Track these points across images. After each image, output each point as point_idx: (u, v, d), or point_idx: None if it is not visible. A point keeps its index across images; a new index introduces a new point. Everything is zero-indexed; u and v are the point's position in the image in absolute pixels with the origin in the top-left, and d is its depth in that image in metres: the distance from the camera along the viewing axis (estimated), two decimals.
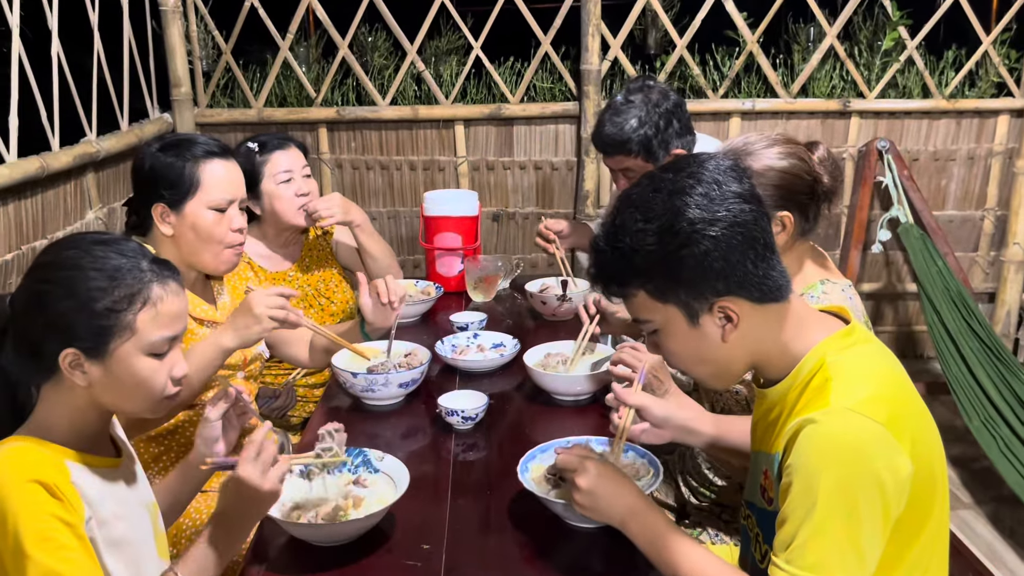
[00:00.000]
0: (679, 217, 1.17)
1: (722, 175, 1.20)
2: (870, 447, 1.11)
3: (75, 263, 1.22)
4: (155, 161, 1.85)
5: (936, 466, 1.22)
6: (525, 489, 1.46)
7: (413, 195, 3.67)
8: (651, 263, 1.19)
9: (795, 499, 1.13)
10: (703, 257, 1.17)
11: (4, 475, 1.15)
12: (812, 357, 1.22)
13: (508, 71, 3.62)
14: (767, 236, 1.21)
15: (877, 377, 1.20)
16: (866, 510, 1.10)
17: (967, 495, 3.02)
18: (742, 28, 3.49)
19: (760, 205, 1.21)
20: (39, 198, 2.37)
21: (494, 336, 2.21)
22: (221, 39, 3.49)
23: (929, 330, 3.24)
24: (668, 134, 2.30)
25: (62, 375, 1.22)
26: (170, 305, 1.27)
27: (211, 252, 1.87)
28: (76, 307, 1.20)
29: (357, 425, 1.87)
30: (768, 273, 1.20)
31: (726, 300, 1.20)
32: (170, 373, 1.29)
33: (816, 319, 1.28)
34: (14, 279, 2.21)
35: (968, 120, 3.64)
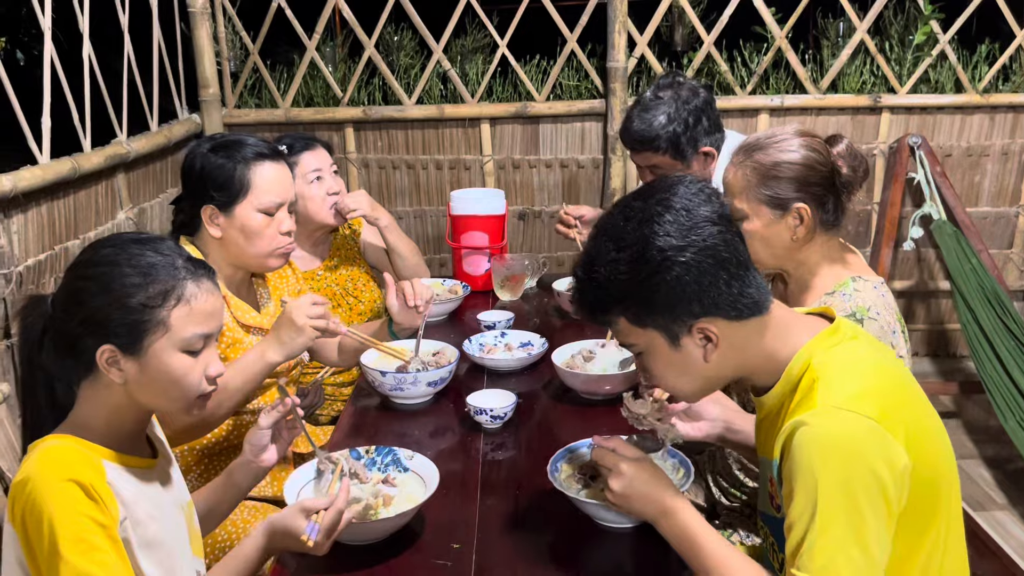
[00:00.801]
0: (649, 245, 1.19)
1: (691, 199, 1.22)
2: (863, 442, 1.12)
3: (111, 260, 1.24)
4: (205, 162, 1.85)
5: (940, 459, 1.22)
6: (555, 488, 1.46)
7: (439, 194, 3.67)
8: (626, 291, 1.22)
9: (797, 504, 1.13)
10: (676, 283, 1.19)
11: (42, 474, 1.16)
12: (798, 360, 1.24)
13: (534, 69, 3.61)
14: (739, 255, 1.23)
15: (863, 372, 1.21)
16: (868, 506, 1.11)
17: (1002, 496, 2.97)
18: (770, 24, 3.46)
19: (730, 225, 1.24)
20: (71, 199, 2.39)
21: (521, 335, 2.21)
22: (248, 40, 3.51)
23: (963, 329, 3.19)
24: (697, 131, 2.28)
25: (100, 373, 1.24)
26: (204, 303, 1.28)
27: (259, 253, 1.87)
28: (111, 303, 1.22)
29: (386, 424, 1.88)
30: (743, 291, 1.22)
31: (704, 321, 1.22)
32: (205, 371, 1.30)
33: (799, 322, 1.29)
34: (48, 278, 2.24)
35: (1002, 115, 3.58)
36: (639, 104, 2.34)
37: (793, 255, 1.70)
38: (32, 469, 1.17)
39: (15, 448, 1.83)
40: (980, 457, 3.23)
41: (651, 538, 1.33)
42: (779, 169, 1.63)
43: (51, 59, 2.32)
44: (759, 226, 1.66)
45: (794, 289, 1.77)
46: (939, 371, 3.85)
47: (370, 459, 1.55)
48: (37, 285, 2.18)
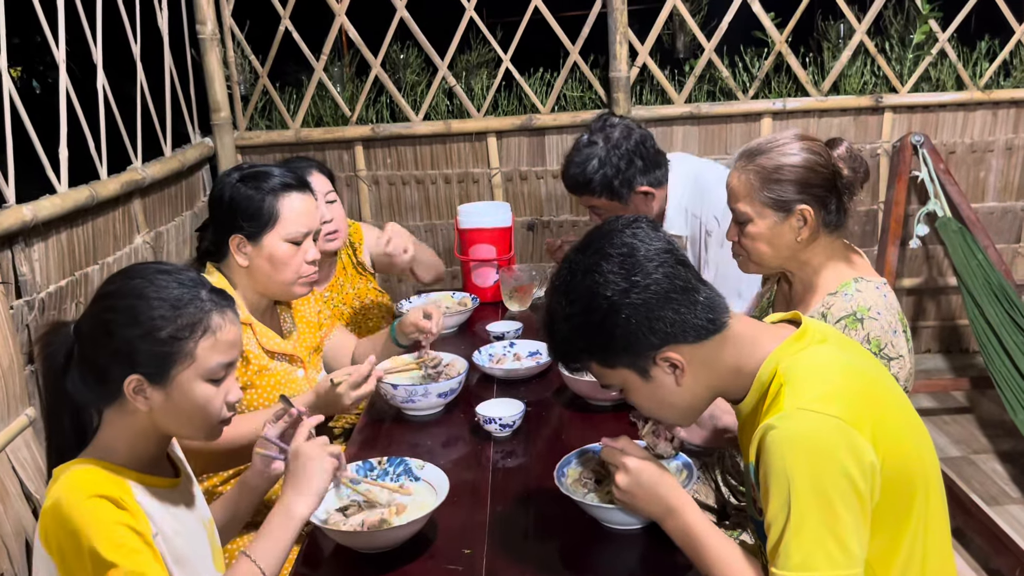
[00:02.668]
0: (595, 296, 1.26)
1: (627, 242, 1.28)
2: (828, 439, 1.16)
3: (139, 292, 1.28)
4: (235, 192, 1.89)
5: (912, 457, 1.25)
6: (563, 494, 1.50)
7: (448, 208, 3.73)
8: (587, 339, 1.29)
9: (773, 504, 1.17)
10: (627, 323, 1.25)
11: (70, 495, 1.20)
12: (767, 368, 1.28)
13: (538, 82, 3.67)
14: (685, 281, 1.28)
15: (829, 374, 1.24)
16: (839, 501, 1.14)
17: (1016, 490, 2.98)
18: (770, 28, 3.50)
19: (670, 255, 1.29)
20: (89, 225, 2.46)
21: (530, 344, 2.25)
22: (258, 63, 3.59)
23: (971, 324, 3.20)
24: (630, 173, 2.34)
25: (125, 400, 1.27)
26: (228, 333, 1.32)
27: (285, 283, 1.92)
28: (141, 335, 1.26)
29: (399, 435, 1.92)
30: (696, 314, 1.27)
31: (666, 351, 1.27)
32: (225, 398, 1.34)
33: (764, 332, 1.33)
34: (69, 304, 2.30)
35: (1005, 110, 3.59)
36: (574, 149, 2.41)
37: (797, 256, 1.73)
38: (60, 493, 1.21)
39: (42, 470, 1.89)
40: (994, 452, 3.23)
41: (658, 540, 1.37)
42: (781, 172, 1.66)
43: (66, 90, 2.40)
44: (763, 228, 1.69)
45: (799, 289, 1.80)
46: (952, 367, 3.85)
47: (383, 470, 1.59)
48: (59, 311, 2.25)
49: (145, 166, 2.85)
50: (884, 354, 1.62)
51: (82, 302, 2.37)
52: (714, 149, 3.65)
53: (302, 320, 2.13)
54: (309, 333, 2.12)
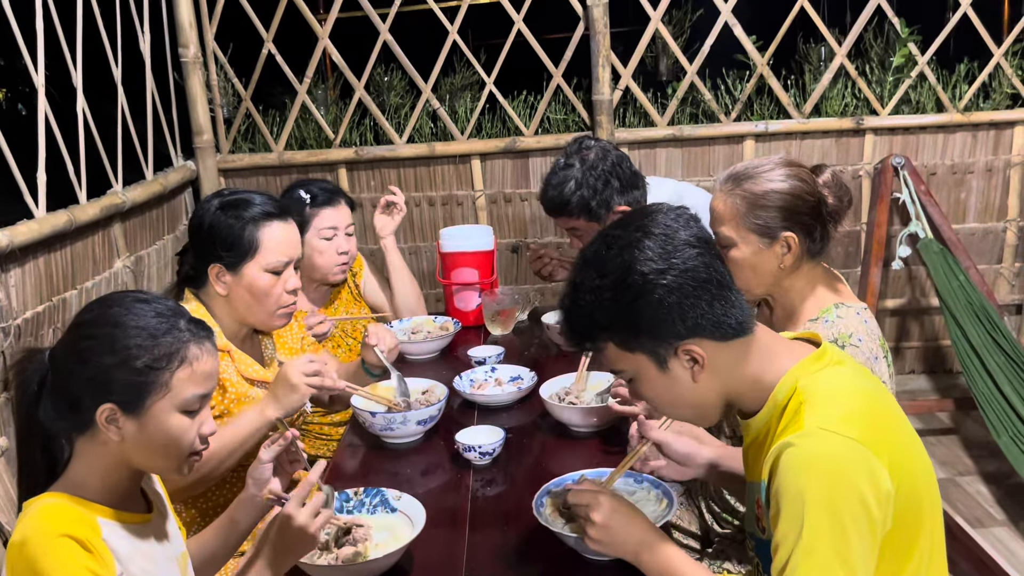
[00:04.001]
0: (630, 271, 1.23)
1: (670, 225, 1.25)
2: (848, 463, 1.14)
3: (117, 321, 1.26)
4: (215, 220, 1.85)
5: (922, 483, 1.24)
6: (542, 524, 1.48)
7: (433, 230, 3.72)
8: (611, 317, 1.25)
9: (783, 524, 1.15)
10: (658, 305, 1.22)
11: (37, 532, 1.18)
12: (785, 384, 1.26)
13: (522, 104, 3.68)
14: (721, 276, 1.25)
15: (849, 396, 1.23)
16: (852, 526, 1.12)
17: (1001, 512, 2.98)
18: (751, 51, 3.52)
19: (710, 247, 1.27)
20: (68, 250, 2.44)
21: (512, 369, 2.24)
22: (241, 86, 3.59)
23: (954, 345, 3.21)
24: (607, 193, 2.37)
25: (97, 430, 1.25)
26: (204, 364, 1.30)
27: (265, 313, 1.88)
28: (116, 363, 1.23)
29: (378, 463, 1.90)
30: (727, 311, 1.25)
31: (689, 343, 1.24)
32: (199, 430, 1.32)
33: (784, 347, 1.31)
34: (46, 330, 2.28)
35: (984, 132, 3.63)
36: (552, 171, 2.45)
37: (780, 282, 1.73)
38: (27, 530, 1.18)
39: (14, 501, 1.86)
40: (979, 473, 3.23)
41: (634, 570, 1.36)
42: (768, 198, 1.65)
43: (45, 114, 2.38)
44: (747, 254, 1.69)
45: (780, 315, 1.79)
46: (936, 388, 3.86)
47: (359, 501, 1.58)
48: (36, 337, 2.22)
49: (126, 190, 2.84)
50: None
51: (60, 327, 2.35)
52: (697, 171, 3.66)
53: (284, 346, 2.11)
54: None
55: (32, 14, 2.37)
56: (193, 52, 3.44)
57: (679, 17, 3.66)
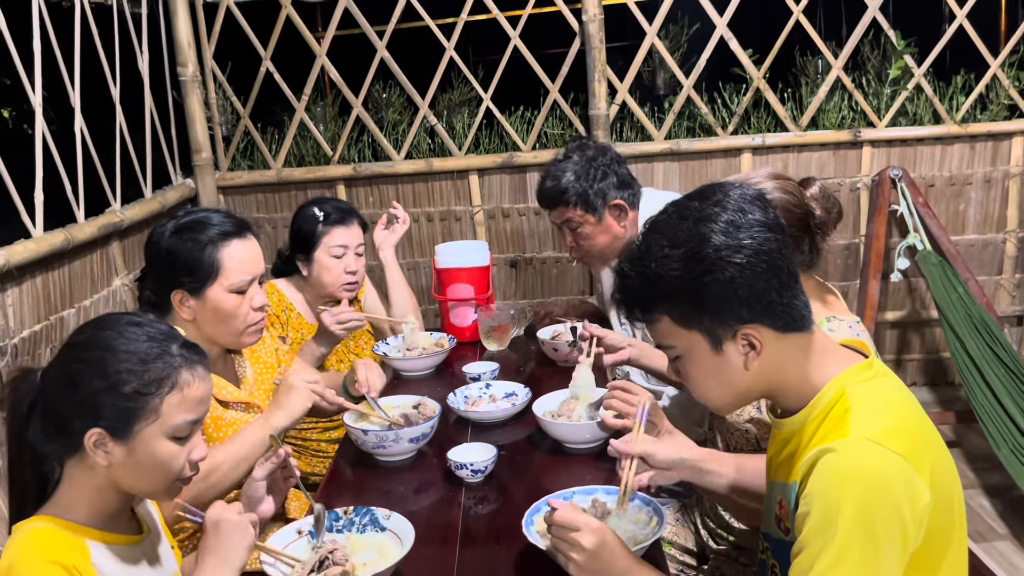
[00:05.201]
0: (704, 243, 1.19)
1: (747, 204, 1.22)
2: (890, 477, 1.11)
3: (108, 344, 1.26)
4: (171, 245, 1.80)
5: (954, 499, 1.22)
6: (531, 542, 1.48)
7: (431, 246, 3.72)
8: (675, 289, 1.21)
9: (813, 528, 1.12)
10: (728, 284, 1.18)
11: (25, 557, 1.18)
12: (831, 388, 1.23)
13: (519, 120, 3.69)
14: (791, 265, 1.23)
15: (896, 409, 1.21)
16: (885, 541, 1.10)
17: (1003, 526, 2.95)
18: (748, 65, 3.53)
19: (784, 234, 1.24)
20: (66, 269, 2.46)
21: (506, 385, 2.23)
22: (239, 104, 3.61)
23: (953, 358, 3.20)
24: (605, 185, 2.42)
25: (86, 453, 1.25)
26: (196, 390, 1.29)
27: (233, 332, 1.86)
28: (105, 388, 1.23)
29: (370, 481, 1.90)
30: (792, 302, 1.22)
31: (750, 328, 1.21)
32: (188, 456, 1.31)
33: (837, 351, 1.29)
34: (43, 349, 2.29)
35: (982, 144, 3.62)
36: (551, 164, 2.50)
37: None
38: (15, 554, 1.19)
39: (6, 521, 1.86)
40: (981, 487, 3.21)
41: None
42: None
43: (43, 134, 2.40)
44: None
45: None
46: (937, 400, 3.84)
47: (348, 519, 1.57)
48: (33, 356, 2.23)
49: (124, 208, 2.85)
50: None
51: (57, 347, 2.34)
52: (694, 185, 3.58)
53: (258, 362, 2.09)
54: (266, 375, 2.08)
55: (30, 34, 2.39)
56: (192, 70, 3.46)
57: (675, 31, 3.67)
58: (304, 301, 2.57)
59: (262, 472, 1.50)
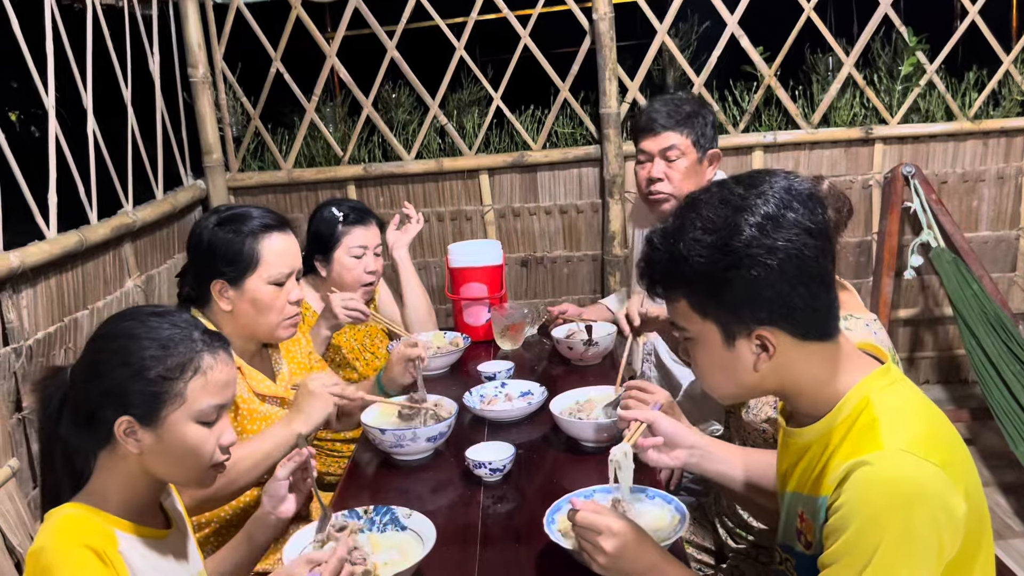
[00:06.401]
0: (736, 236, 1.14)
1: (794, 201, 1.16)
2: (929, 490, 1.09)
3: (130, 333, 1.28)
4: (213, 237, 1.85)
5: (982, 505, 1.20)
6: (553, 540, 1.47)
7: (441, 246, 3.73)
8: (698, 275, 1.17)
9: (852, 540, 1.09)
10: (752, 283, 1.14)
11: (56, 542, 1.19)
12: (854, 396, 1.19)
13: (529, 119, 3.68)
14: (825, 273, 1.17)
15: (924, 416, 1.18)
16: (923, 554, 1.08)
17: (1019, 524, 2.94)
18: (758, 62, 3.52)
19: (828, 242, 1.17)
20: (79, 270, 2.45)
21: (522, 384, 2.23)
22: (249, 105, 3.61)
23: (968, 355, 3.18)
24: (713, 131, 2.43)
25: (117, 443, 1.26)
26: (219, 373, 1.30)
27: (270, 324, 1.89)
28: (130, 375, 1.25)
29: (388, 481, 1.89)
30: (819, 311, 1.17)
31: (766, 330, 1.17)
32: (218, 441, 1.32)
33: (856, 358, 1.24)
34: (58, 350, 2.29)
35: (995, 140, 3.61)
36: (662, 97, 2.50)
37: None
38: (46, 539, 1.20)
39: (25, 523, 1.86)
40: (997, 484, 3.19)
41: None
42: None
43: (56, 136, 2.40)
44: None
45: None
46: (951, 398, 3.82)
47: (369, 519, 1.57)
48: (47, 358, 2.23)
49: (136, 209, 2.85)
50: None
51: (71, 347, 2.35)
52: None
53: (292, 361, 2.11)
54: (299, 374, 2.10)
55: (42, 36, 2.39)
56: (202, 72, 3.47)
57: (686, 29, 3.66)
58: (319, 299, 2.57)
59: (284, 471, 1.50)
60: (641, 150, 2.44)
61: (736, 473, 1.56)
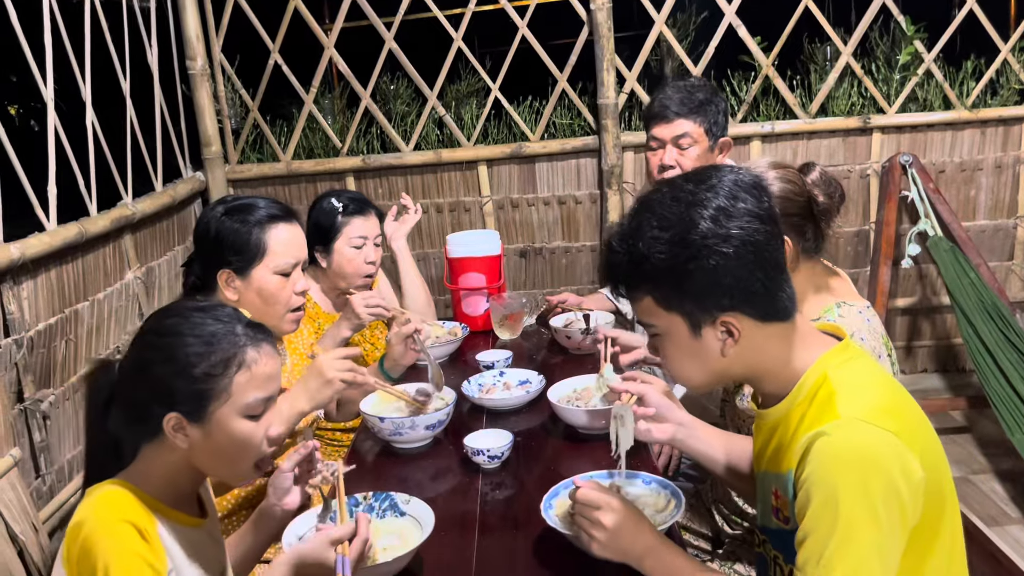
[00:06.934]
0: (693, 229, 1.18)
1: (741, 191, 1.21)
2: (884, 454, 1.12)
3: (175, 330, 1.28)
4: (220, 226, 1.86)
5: (943, 477, 1.23)
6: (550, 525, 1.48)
7: (440, 237, 3.74)
8: (660, 271, 1.21)
9: (816, 513, 1.13)
10: (712, 271, 1.19)
11: (97, 515, 1.20)
12: (813, 373, 1.24)
13: (527, 110, 3.69)
14: (779, 256, 1.23)
15: (880, 388, 1.22)
16: (886, 517, 1.11)
17: (1016, 510, 2.95)
18: (756, 52, 3.52)
19: (776, 226, 1.23)
20: (79, 262, 2.47)
21: (520, 373, 2.24)
22: (248, 97, 3.61)
23: (965, 344, 3.20)
24: (724, 119, 2.42)
25: (165, 437, 1.27)
26: (264, 367, 1.31)
27: (275, 314, 1.89)
28: (176, 372, 1.25)
29: (387, 468, 1.91)
30: (776, 293, 1.22)
31: (730, 315, 1.22)
32: (266, 433, 1.33)
33: (816, 337, 1.30)
34: (59, 341, 2.30)
35: (993, 129, 3.61)
36: (676, 83, 2.47)
37: None
38: (88, 512, 1.21)
39: (27, 512, 1.87)
40: (993, 471, 3.21)
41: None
42: None
43: (55, 128, 2.41)
44: None
45: None
46: (948, 386, 3.84)
47: (368, 505, 1.58)
48: (48, 349, 2.24)
49: (136, 201, 2.86)
50: None
51: (72, 339, 2.37)
52: None
53: (295, 353, 2.12)
54: (300, 366, 2.11)
55: (40, 29, 2.40)
56: (200, 64, 3.47)
57: (683, 20, 3.67)
58: (320, 290, 2.58)
59: (290, 463, 1.51)
60: (653, 136, 2.44)
61: (718, 456, 1.60)
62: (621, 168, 3.57)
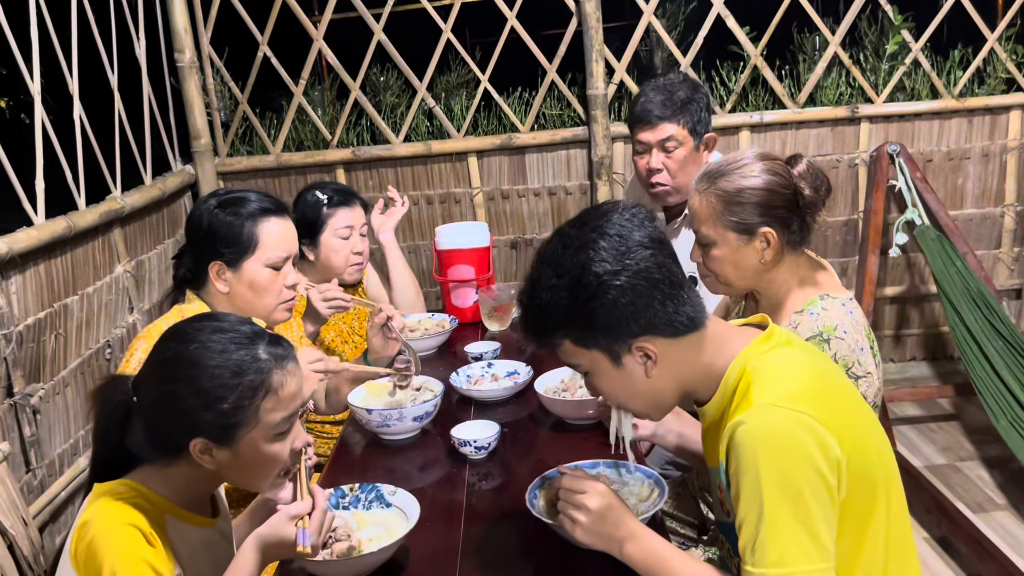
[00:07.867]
0: (585, 271, 1.25)
1: (624, 225, 1.28)
2: (796, 433, 1.18)
3: (196, 360, 1.26)
4: (213, 219, 1.87)
5: (874, 455, 1.27)
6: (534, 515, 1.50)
7: (431, 228, 3.74)
8: (567, 315, 1.28)
9: (744, 502, 1.19)
10: (612, 305, 1.25)
11: (104, 517, 1.21)
12: (734, 368, 1.30)
13: (517, 101, 3.69)
14: (672, 275, 1.28)
15: (796, 373, 1.27)
16: (811, 494, 1.16)
17: (1002, 497, 2.98)
18: (745, 42, 3.53)
19: (663, 247, 1.29)
20: (68, 256, 2.47)
21: (508, 364, 2.26)
22: (237, 90, 3.61)
23: (952, 331, 3.22)
24: (708, 115, 2.41)
25: (190, 456, 1.28)
26: (289, 387, 1.31)
27: (266, 307, 1.91)
28: (202, 406, 1.25)
29: (375, 460, 1.92)
30: (678, 309, 1.28)
31: (642, 340, 1.28)
32: (292, 446, 1.34)
33: (735, 334, 1.35)
34: (48, 335, 2.31)
35: (980, 118, 3.63)
36: (654, 82, 2.44)
37: (763, 276, 1.74)
38: (95, 513, 1.22)
39: (17, 506, 1.88)
40: (980, 458, 3.24)
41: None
42: (743, 195, 1.65)
43: (43, 122, 2.41)
44: (727, 252, 1.69)
45: (766, 308, 1.80)
46: (936, 374, 3.87)
47: (355, 496, 1.60)
48: (37, 343, 2.25)
49: (125, 195, 2.86)
50: (852, 373, 1.63)
51: (61, 333, 2.37)
52: None
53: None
54: None
55: (27, 22, 2.39)
56: (189, 56, 3.46)
57: (672, 10, 3.67)
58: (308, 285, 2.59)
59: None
60: (638, 141, 2.44)
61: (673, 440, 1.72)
62: (611, 159, 3.58)
